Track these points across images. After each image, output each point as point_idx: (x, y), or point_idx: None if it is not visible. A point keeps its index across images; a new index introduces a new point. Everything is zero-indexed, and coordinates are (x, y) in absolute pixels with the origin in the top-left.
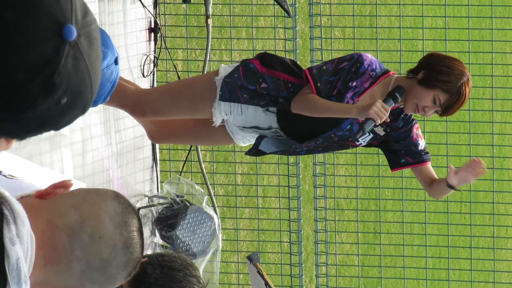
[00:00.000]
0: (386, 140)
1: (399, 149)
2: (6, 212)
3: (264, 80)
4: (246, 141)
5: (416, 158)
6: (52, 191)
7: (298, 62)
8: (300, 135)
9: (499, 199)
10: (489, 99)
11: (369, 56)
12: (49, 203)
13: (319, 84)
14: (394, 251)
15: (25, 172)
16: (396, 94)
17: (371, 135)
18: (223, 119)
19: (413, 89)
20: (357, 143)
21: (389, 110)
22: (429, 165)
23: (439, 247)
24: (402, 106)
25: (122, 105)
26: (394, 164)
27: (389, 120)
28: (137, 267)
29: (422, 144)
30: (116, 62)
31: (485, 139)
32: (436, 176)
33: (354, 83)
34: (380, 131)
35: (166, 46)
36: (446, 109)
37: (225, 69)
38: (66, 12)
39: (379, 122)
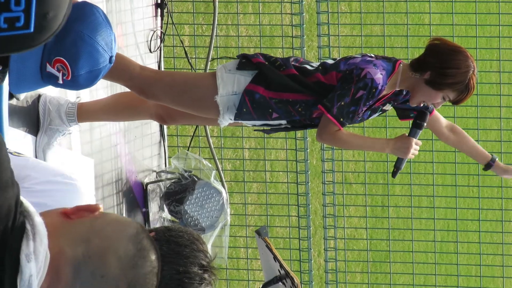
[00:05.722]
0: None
1: (407, 107)
2: (28, 227)
3: (274, 110)
4: None
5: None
6: (77, 213)
7: (305, 37)
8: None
9: None
10: (497, 72)
11: (379, 76)
12: (68, 227)
13: (342, 119)
14: (402, 224)
15: (32, 149)
16: (423, 123)
17: (380, 113)
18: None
19: (421, 88)
20: (366, 118)
21: (420, 142)
22: (434, 114)
23: (447, 220)
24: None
25: (128, 86)
26: (402, 116)
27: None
28: None
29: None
30: (110, 61)
31: (492, 112)
32: (443, 119)
33: (371, 102)
34: (388, 107)
35: (172, 22)
36: (457, 102)
37: (223, 81)
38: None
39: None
